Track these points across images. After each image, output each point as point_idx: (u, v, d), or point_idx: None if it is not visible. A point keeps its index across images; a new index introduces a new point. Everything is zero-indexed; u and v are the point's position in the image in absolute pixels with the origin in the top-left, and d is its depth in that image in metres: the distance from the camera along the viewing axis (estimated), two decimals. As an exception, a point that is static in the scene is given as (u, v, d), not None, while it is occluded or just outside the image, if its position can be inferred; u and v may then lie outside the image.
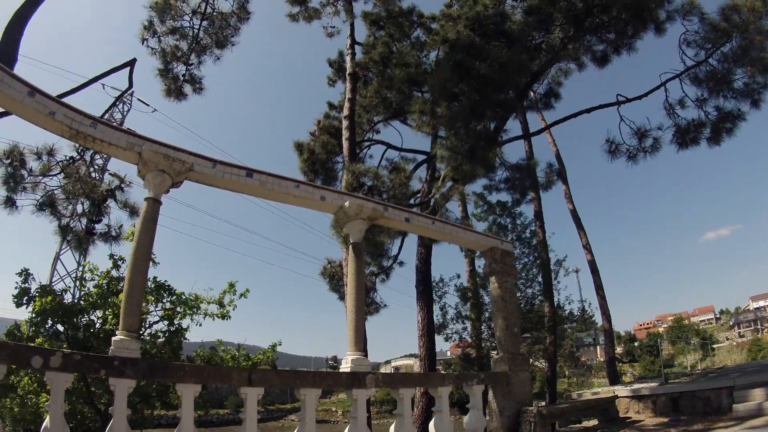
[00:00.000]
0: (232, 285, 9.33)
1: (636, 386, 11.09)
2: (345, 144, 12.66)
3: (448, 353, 36.17)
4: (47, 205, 9.79)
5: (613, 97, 10.76)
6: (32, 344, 7.00)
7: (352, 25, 14.47)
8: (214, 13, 12.19)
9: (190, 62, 12.28)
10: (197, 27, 12.14)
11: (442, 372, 16.41)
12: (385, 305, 14.74)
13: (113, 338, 4.10)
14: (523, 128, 16.48)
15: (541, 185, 15.33)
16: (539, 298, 17.42)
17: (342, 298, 12.55)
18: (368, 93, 14.34)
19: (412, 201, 12.96)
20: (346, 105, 13.03)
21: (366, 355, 5.34)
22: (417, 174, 14.99)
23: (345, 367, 5.11)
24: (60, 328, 8.04)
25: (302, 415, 4.59)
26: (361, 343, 5.25)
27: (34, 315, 7.79)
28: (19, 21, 7.93)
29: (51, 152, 9.58)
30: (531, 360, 15.82)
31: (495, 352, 8.23)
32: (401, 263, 14.52)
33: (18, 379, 7.64)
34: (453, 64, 9.09)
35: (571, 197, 19.50)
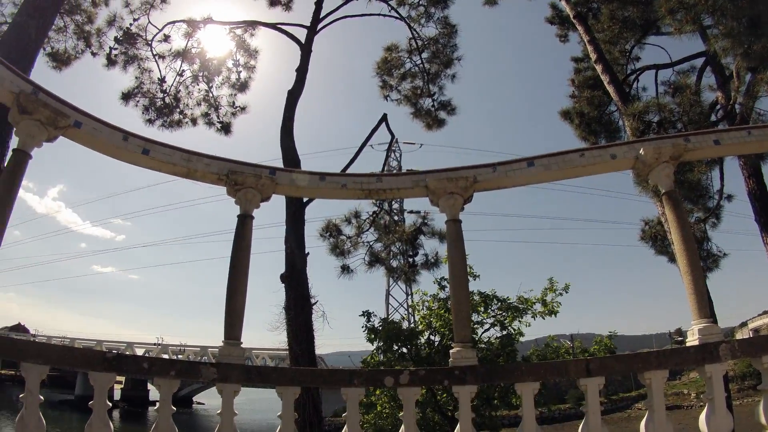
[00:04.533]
0: (551, 281, 9.49)
1: None
2: (610, 89, 11.50)
3: (825, 298, 26.20)
4: (374, 260, 11.95)
5: None
6: (383, 368, 8.72)
7: (547, -31, 13.32)
8: (426, 42, 13.14)
9: (432, 92, 13.42)
10: (419, 62, 13.31)
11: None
12: (724, 254, 12.15)
13: (451, 351, 4.53)
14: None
15: None
16: None
17: (672, 259, 11.01)
18: (603, 25, 12.85)
19: (713, 118, 10.60)
20: (590, 49, 11.97)
21: (714, 321, 4.39)
22: (704, 84, 12.06)
23: (691, 339, 4.31)
24: (404, 350, 9.76)
25: (649, 402, 4.06)
26: (705, 308, 4.36)
27: (381, 344, 9.77)
28: (287, 133, 10.30)
29: (357, 214, 11.80)
30: None
31: None
32: (729, 197, 11.83)
33: (375, 397, 9.59)
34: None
35: None
